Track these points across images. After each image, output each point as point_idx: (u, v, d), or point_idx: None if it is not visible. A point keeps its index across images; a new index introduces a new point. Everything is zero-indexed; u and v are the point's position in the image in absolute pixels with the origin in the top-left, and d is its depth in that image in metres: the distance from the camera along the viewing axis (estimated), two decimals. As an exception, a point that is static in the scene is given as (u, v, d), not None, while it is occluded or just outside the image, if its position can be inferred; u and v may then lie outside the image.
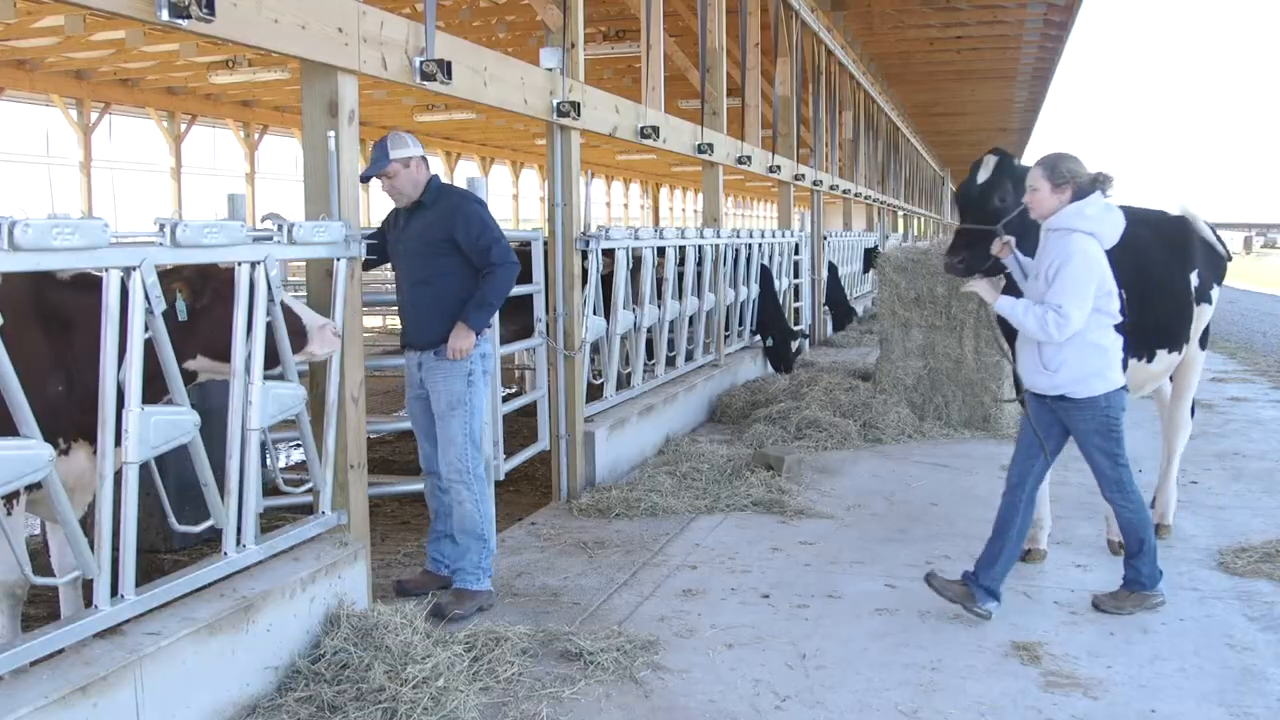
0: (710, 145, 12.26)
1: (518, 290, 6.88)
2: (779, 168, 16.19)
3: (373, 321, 21.74)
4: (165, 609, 4.49)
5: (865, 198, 27.99)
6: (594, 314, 8.93)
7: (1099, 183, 5.77)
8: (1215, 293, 7.20)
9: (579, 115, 8.29)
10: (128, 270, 4.12)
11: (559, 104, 8.09)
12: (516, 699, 4.89)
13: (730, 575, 6.61)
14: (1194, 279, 6.96)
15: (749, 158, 14.15)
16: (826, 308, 20.13)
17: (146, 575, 4.60)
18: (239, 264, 4.74)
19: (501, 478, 7.34)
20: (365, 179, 6.09)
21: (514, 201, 40.23)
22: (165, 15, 4.22)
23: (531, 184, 42.84)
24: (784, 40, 17.81)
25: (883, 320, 11.81)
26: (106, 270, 4.06)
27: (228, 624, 4.60)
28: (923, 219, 50.37)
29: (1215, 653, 5.43)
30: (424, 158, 6.22)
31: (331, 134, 5.45)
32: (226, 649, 4.58)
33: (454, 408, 6.12)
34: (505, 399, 7.75)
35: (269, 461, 5.57)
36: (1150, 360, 6.78)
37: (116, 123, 26.31)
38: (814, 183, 19.56)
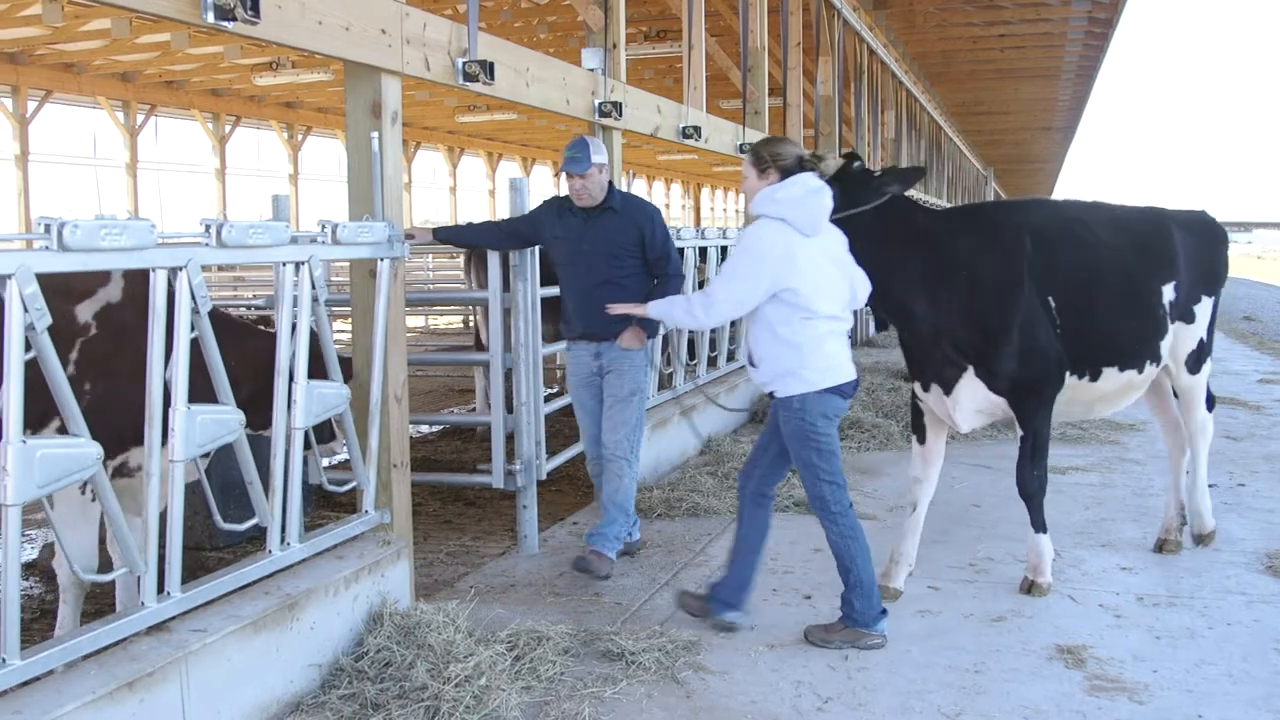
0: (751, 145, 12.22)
1: (556, 291, 6.94)
2: (821, 167, 16.12)
3: (415, 321, 21.82)
4: (211, 606, 4.53)
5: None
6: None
7: (808, 164, 5.56)
8: (1203, 311, 6.65)
9: (621, 115, 8.30)
10: (174, 270, 4.15)
11: (601, 104, 8.11)
12: (558, 698, 4.90)
13: (772, 576, 6.59)
14: (1168, 291, 6.43)
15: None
16: (868, 308, 20.03)
17: (192, 573, 4.63)
18: (283, 264, 4.78)
19: (543, 477, 7.36)
20: (569, 174, 6.57)
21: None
22: (211, 18, 4.25)
23: (572, 184, 42.82)
24: (826, 39, 17.75)
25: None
26: (153, 270, 4.10)
27: (272, 621, 4.63)
28: (965, 219, 50.03)
29: (1264, 658, 5.36)
30: (607, 164, 6.79)
31: (375, 135, 5.47)
32: (271, 646, 4.62)
33: (634, 394, 6.82)
34: (547, 399, 7.76)
35: (313, 460, 5.61)
36: (1094, 379, 6.31)
37: (162, 125, 26.55)
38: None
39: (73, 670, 3.89)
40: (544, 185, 40.51)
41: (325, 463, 5.58)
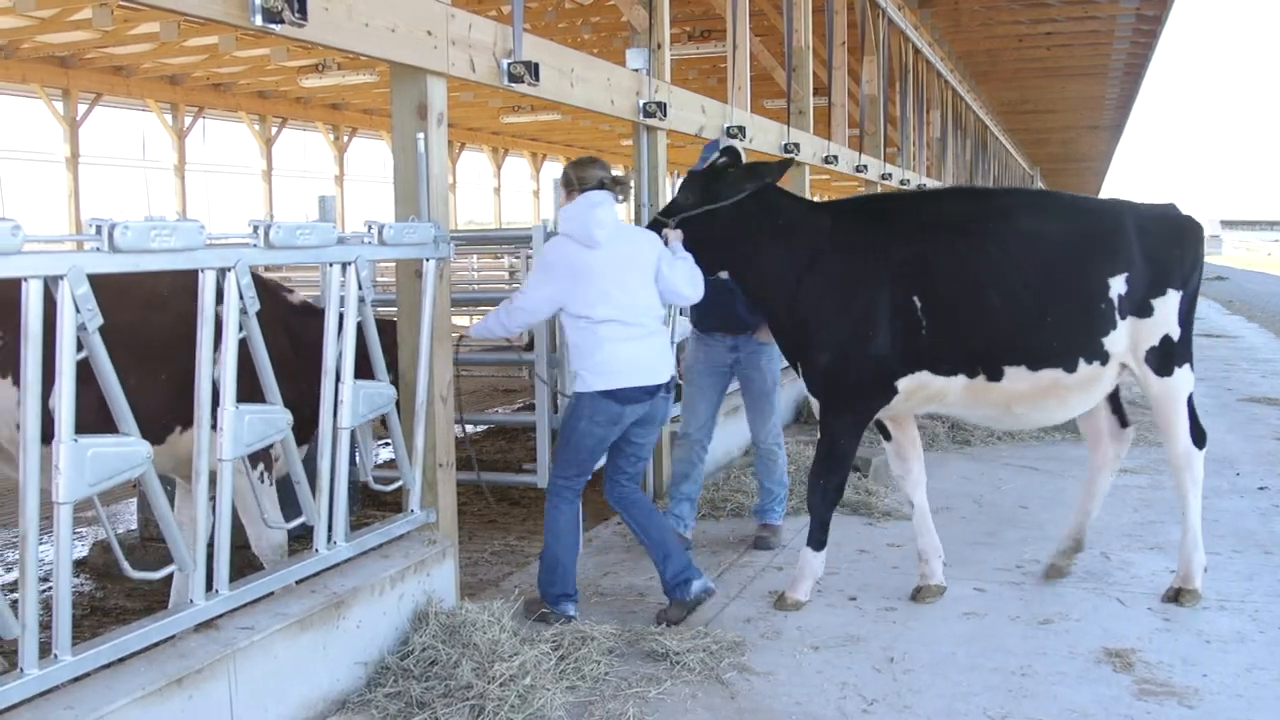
0: (797, 145, 12.19)
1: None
2: (866, 167, 16.07)
3: (461, 321, 21.90)
4: (258, 604, 4.56)
5: (953, 197, 27.65)
6: (681, 314, 8.93)
7: (607, 184, 5.87)
8: (1165, 306, 6.04)
9: (665, 116, 8.30)
10: (223, 271, 4.19)
11: (645, 105, 8.10)
12: (603, 698, 4.90)
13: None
14: (1118, 284, 5.95)
15: (835, 157, 14.06)
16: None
17: (240, 571, 4.67)
18: (330, 265, 4.81)
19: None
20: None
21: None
22: (259, 20, 4.28)
23: (616, 185, 42.86)
24: (870, 38, 17.67)
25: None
26: (202, 271, 4.13)
27: (318, 620, 4.66)
28: (1011, 218, 49.69)
29: (1316, 662, 5.29)
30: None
31: (420, 136, 5.49)
32: (317, 644, 4.64)
33: (777, 385, 7.46)
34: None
35: (360, 459, 5.64)
36: (994, 378, 5.94)
37: (209, 127, 26.79)
38: (901, 182, 19.38)
39: (123, 666, 3.93)
40: (587, 186, 40.47)
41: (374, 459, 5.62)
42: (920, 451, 6.51)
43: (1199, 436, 6.23)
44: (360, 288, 4.91)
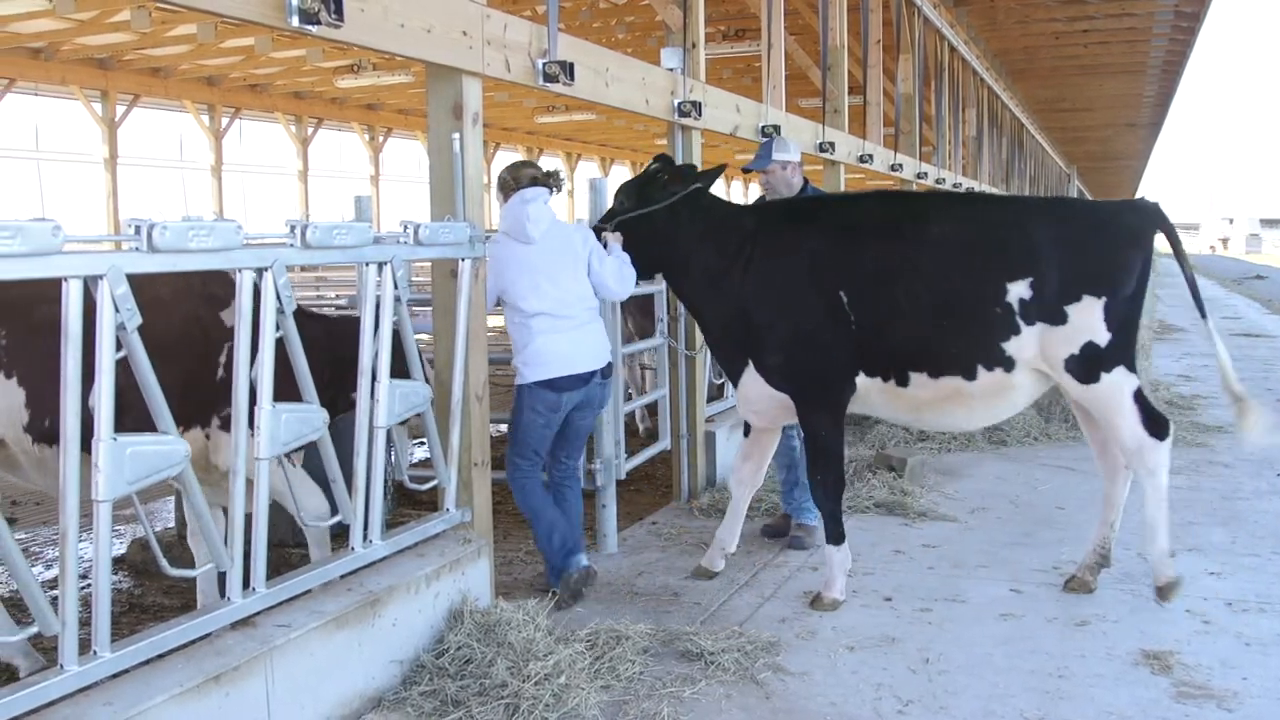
0: (832, 144, 12.16)
1: (639, 290, 6.91)
2: (901, 166, 16.01)
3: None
4: (294, 602, 4.58)
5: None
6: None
7: (540, 181, 6.16)
8: (1080, 312, 5.80)
9: (700, 115, 8.29)
10: (260, 271, 4.21)
11: (680, 104, 8.10)
12: (637, 697, 4.90)
13: (852, 577, 6.54)
14: (1019, 289, 5.80)
15: (870, 156, 14.02)
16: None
17: (276, 569, 4.69)
18: (365, 265, 4.83)
19: (622, 476, 7.38)
20: (747, 170, 7.41)
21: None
22: (296, 21, 4.30)
23: (651, 184, 42.86)
24: (906, 37, 17.60)
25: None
26: (240, 271, 4.15)
27: (354, 618, 4.68)
28: (1048, 217, 49.37)
29: (1358, 664, 5.23)
30: (800, 163, 7.39)
31: (456, 136, 5.51)
32: (353, 642, 4.66)
33: None
34: (626, 398, 7.77)
35: (395, 458, 5.66)
36: (901, 384, 5.99)
37: (246, 127, 26.99)
38: (936, 181, 19.30)
39: (161, 663, 3.96)
40: (622, 185, 40.49)
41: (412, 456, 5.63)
42: (765, 461, 6.82)
43: (1158, 426, 5.97)
44: (396, 287, 4.93)
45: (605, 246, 6.29)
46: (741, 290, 6.13)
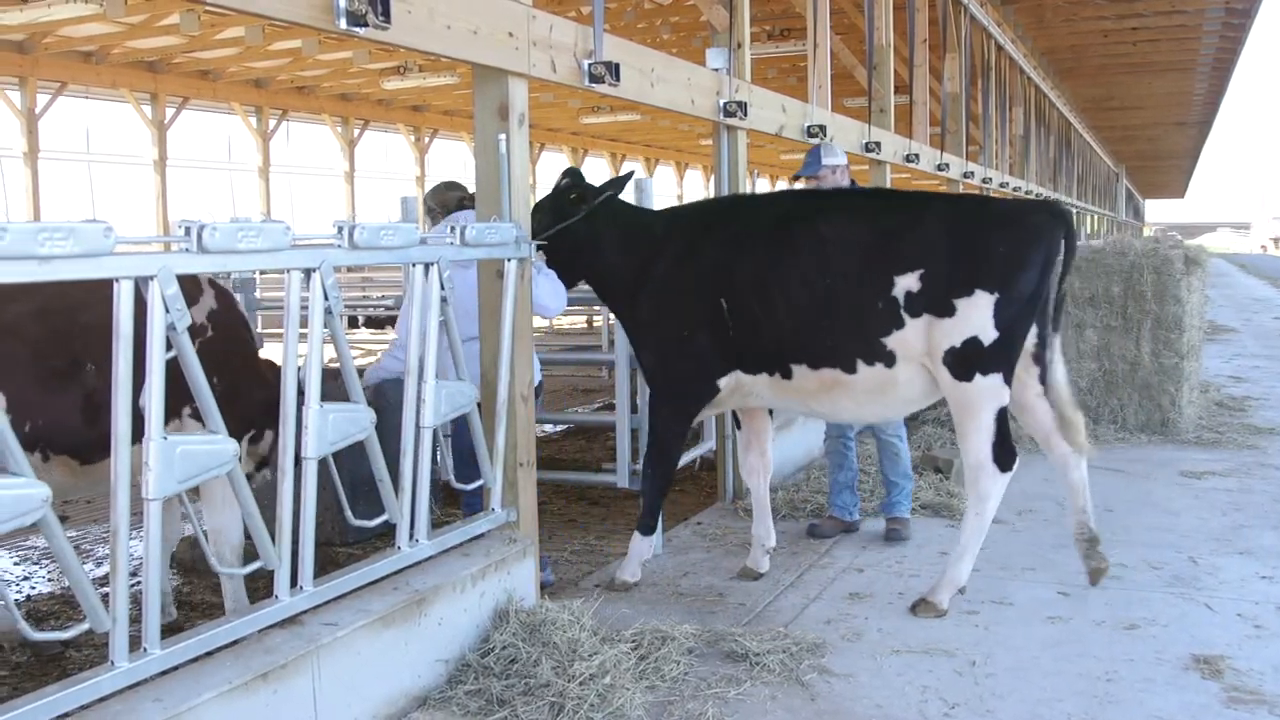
0: (878, 144, 12.11)
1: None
2: (947, 165, 15.92)
3: (541, 321, 22.00)
4: (341, 601, 4.60)
5: (1036, 196, 27.35)
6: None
7: (466, 204, 6.31)
8: (969, 306, 5.70)
9: (746, 115, 8.27)
10: (308, 272, 4.23)
11: (726, 104, 8.08)
12: (682, 698, 4.89)
13: (898, 579, 6.52)
14: (907, 281, 5.76)
15: (917, 156, 13.95)
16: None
17: (322, 568, 4.72)
18: (412, 266, 4.85)
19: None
20: (796, 178, 7.52)
21: (678, 203, 40.42)
22: (343, 24, 4.32)
23: (696, 185, 42.96)
24: (952, 35, 17.52)
25: (1055, 321, 11.49)
26: (288, 271, 4.18)
27: (400, 617, 4.70)
28: (1096, 217, 49.03)
29: None
30: (846, 165, 7.57)
31: (502, 137, 5.52)
32: (399, 641, 4.69)
33: None
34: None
35: (441, 458, 5.68)
36: (786, 377, 6.07)
37: (293, 129, 27.23)
38: (983, 180, 19.19)
39: (209, 660, 3.99)
40: (668, 185, 40.58)
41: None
42: (766, 445, 6.85)
43: (1003, 456, 5.87)
44: (442, 288, 4.95)
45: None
46: (639, 293, 6.35)
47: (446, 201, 6.44)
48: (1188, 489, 8.63)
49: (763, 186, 45.14)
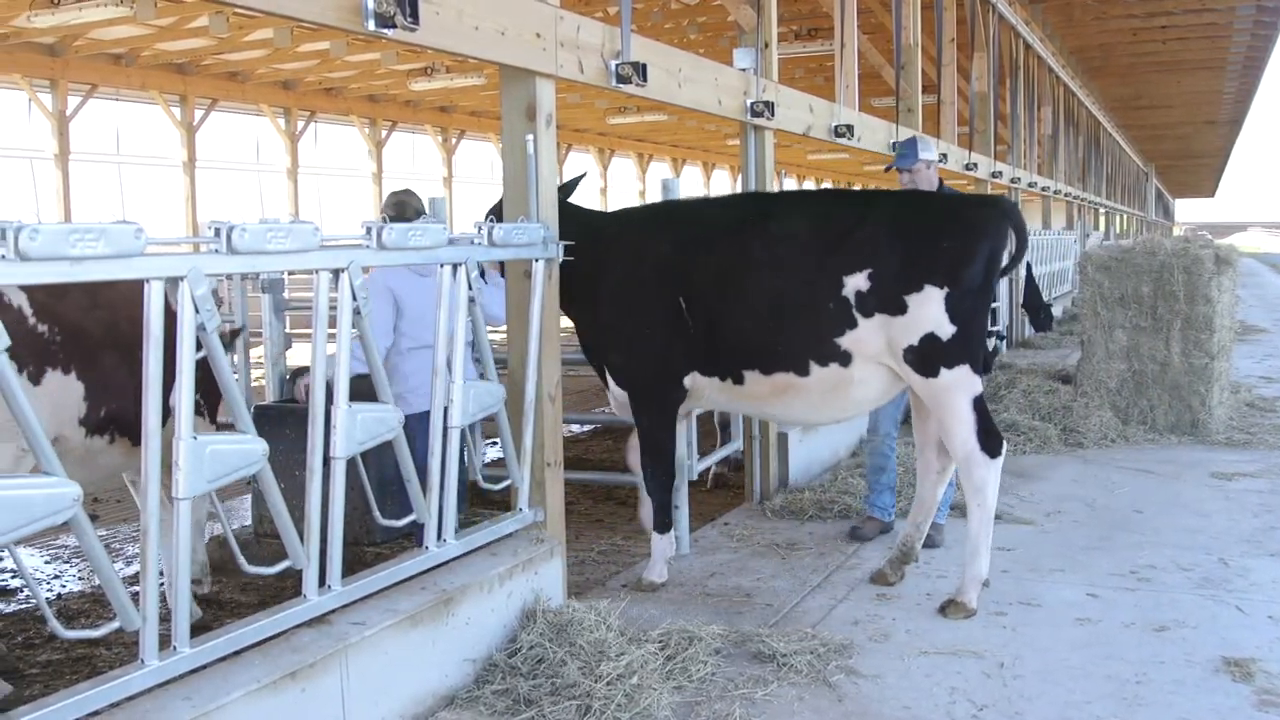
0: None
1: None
2: (975, 165, 15.87)
3: (569, 322, 22.01)
4: (369, 600, 4.62)
5: (1065, 195, 27.23)
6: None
7: (423, 212, 6.48)
8: (922, 302, 5.72)
9: (773, 115, 8.26)
10: (336, 272, 4.25)
11: (753, 104, 8.07)
12: (709, 698, 4.89)
13: (925, 580, 6.50)
14: (858, 281, 5.76)
15: (945, 155, 13.90)
16: (1023, 309, 19.61)
17: (350, 567, 4.73)
18: (440, 266, 4.86)
19: (694, 477, 7.37)
20: (888, 170, 7.59)
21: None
22: (372, 25, 4.34)
23: (723, 184, 42.93)
24: (980, 35, 17.46)
25: (1084, 321, 11.46)
26: (317, 272, 4.19)
27: (428, 616, 4.71)
28: (1125, 216, 48.78)
29: None
30: (937, 161, 7.57)
31: (530, 137, 5.53)
32: (427, 640, 4.70)
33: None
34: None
35: (469, 458, 5.69)
36: (737, 382, 6.09)
37: (321, 130, 27.34)
38: (1011, 180, 19.10)
39: (238, 659, 4.01)
40: (695, 185, 40.53)
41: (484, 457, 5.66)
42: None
43: (990, 443, 5.88)
44: (470, 288, 4.96)
45: (483, 275, 6.27)
46: (597, 294, 6.30)
47: (405, 212, 6.50)
48: (1218, 490, 8.57)
49: (790, 186, 45.10)
